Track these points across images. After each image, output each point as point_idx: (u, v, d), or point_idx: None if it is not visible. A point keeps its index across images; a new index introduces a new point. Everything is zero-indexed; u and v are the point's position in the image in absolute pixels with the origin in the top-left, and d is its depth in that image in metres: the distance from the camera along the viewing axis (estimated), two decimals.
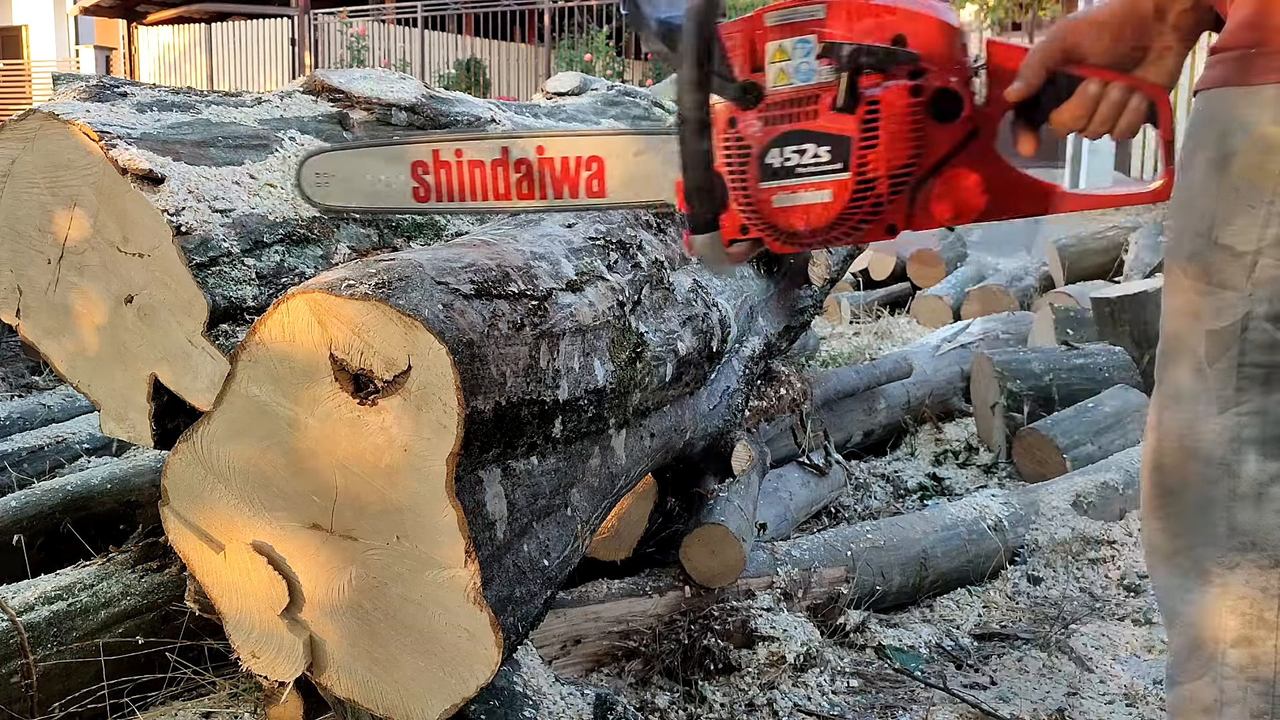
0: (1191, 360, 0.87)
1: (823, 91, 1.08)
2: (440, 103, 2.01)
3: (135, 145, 1.44)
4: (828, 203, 1.09)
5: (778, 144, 1.10)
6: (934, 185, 1.10)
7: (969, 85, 1.09)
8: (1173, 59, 1.03)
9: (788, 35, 1.11)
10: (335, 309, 1.20)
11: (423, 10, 16.55)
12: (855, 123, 1.06)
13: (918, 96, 1.06)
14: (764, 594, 2.11)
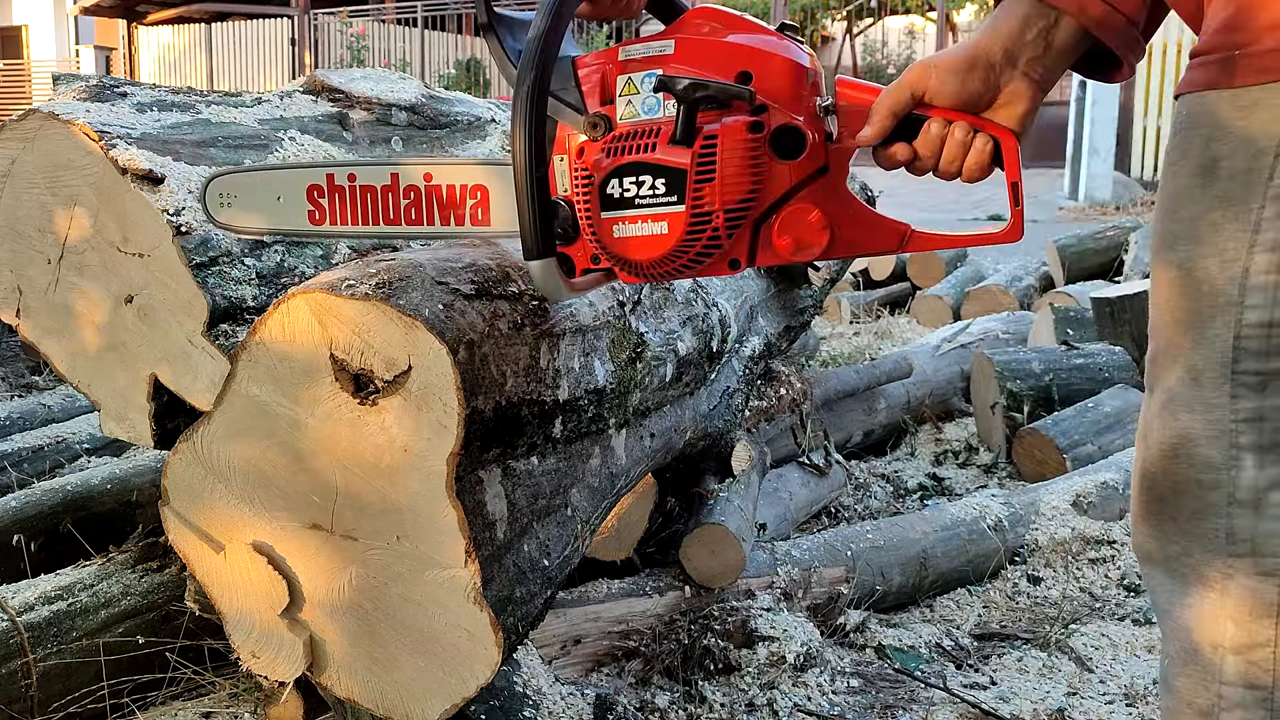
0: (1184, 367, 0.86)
1: (665, 125, 1.09)
2: (440, 103, 2.01)
3: (135, 145, 1.44)
4: (663, 235, 1.10)
5: (617, 174, 1.10)
6: (777, 220, 1.11)
7: (819, 123, 1.10)
8: (1024, 103, 1.03)
9: (638, 69, 1.13)
10: (336, 309, 1.20)
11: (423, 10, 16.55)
12: (692, 155, 1.07)
13: (757, 132, 1.07)
14: (764, 594, 2.11)
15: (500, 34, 1.19)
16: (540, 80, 1.09)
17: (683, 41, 1.12)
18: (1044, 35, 1.00)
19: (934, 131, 1.04)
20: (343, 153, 1.72)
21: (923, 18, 18.25)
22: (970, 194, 11.07)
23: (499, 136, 2.01)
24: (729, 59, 1.10)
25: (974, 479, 3.25)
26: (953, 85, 1.02)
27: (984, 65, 1.01)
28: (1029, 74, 1.01)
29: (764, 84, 1.08)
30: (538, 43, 1.09)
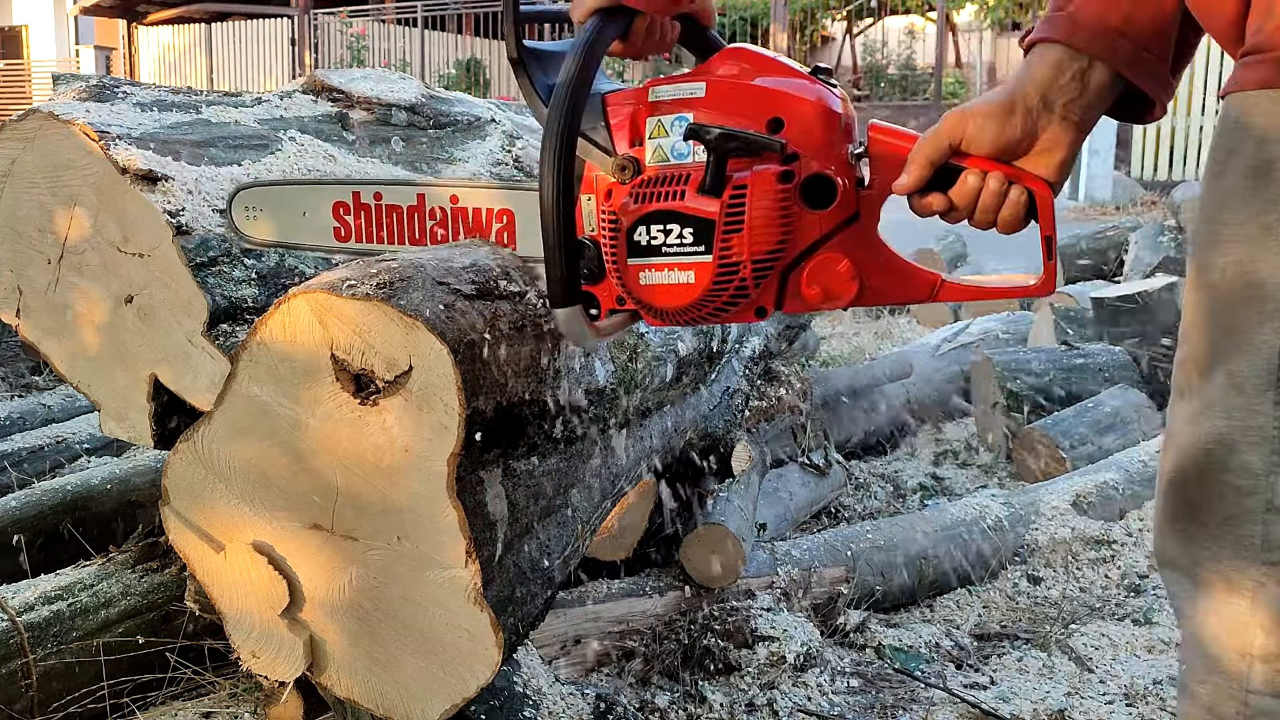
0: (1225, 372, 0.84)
1: (695, 171, 1.07)
2: (440, 103, 2.01)
3: (135, 145, 1.44)
4: (690, 284, 1.08)
5: (645, 221, 1.09)
6: (805, 269, 1.09)
7: (850, 170, 1.08)
8: (1063, 150, 1.02)
9: (667, 112, 1.11)
10: (336, 309, 1.20)
11: (423, 10, 16.55)
12: (720, 206, 1.05)
13: (787, 182, 1.05)
14: (764, 594, 2.11)
15: (530, 68, 1.17)
16: (571, 126, 1.07)
17: (714, 84, 1.09)
18: (1079, 78, 0.99)
19: (970, 182, 1.03)
20: (343, 153, 1.72)
21: (923, 18, 18.24)
22: None
23: (499, 137, 2.01)
24: (760, 104, 1.07)
25: (974, 479, 3.25)
26: (991, 131, 1.01)
27: (1021, 111, 1.00)
28: (1067, 117, 1.00)
29: (795, 131, 1.06)
30: (568, 87, 1.07)
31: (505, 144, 1.99)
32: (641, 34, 1.15)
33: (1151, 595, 2.36)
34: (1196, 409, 0.87)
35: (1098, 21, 0.97)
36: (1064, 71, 0.99)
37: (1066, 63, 0.98)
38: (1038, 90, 0.99)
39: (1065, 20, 0.98)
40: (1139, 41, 0.97)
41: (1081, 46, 0.97)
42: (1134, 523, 2.63)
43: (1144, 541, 2.56)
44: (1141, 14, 0.96)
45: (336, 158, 1.69)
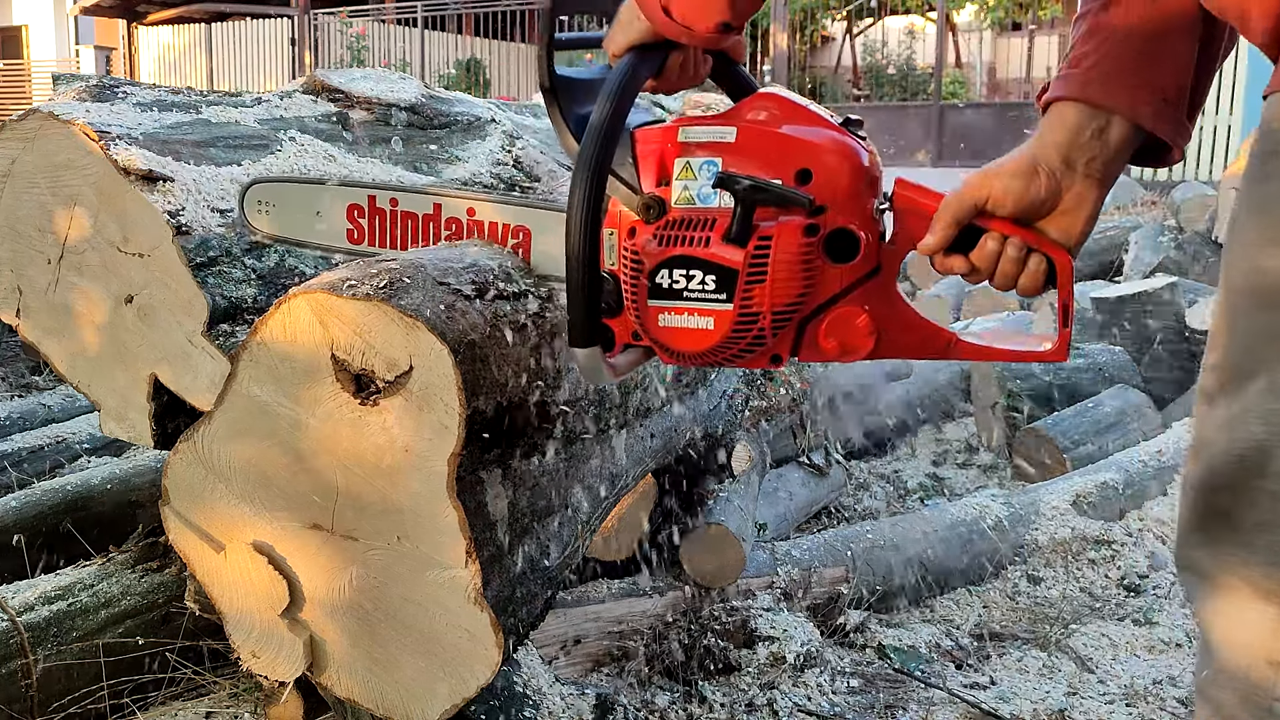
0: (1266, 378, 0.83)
1: (720, 217, 1.07)
2: (440, 103, 2.01)
3: (135, 145, 1.44)
4: (708, 330, 1.08)
5: (668, 265, 1.08)
6: (823, 321, 1.09)
7: (874, 225, 1.08)
8: (1088, 208, 1.02)
9: (696, 154, 1.10)
10: (337, 309, 1.20)
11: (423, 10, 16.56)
12: (745, 256, 1.05)
13: (812, 235, 1.05)
14: (764, 594, 2.10)
15: (561, 99, 1.16)
16: (602, 167, 1.07)
17: (745, 130, 1.09)
18: (1098, 135, 0.99)
19: (990, 247, 1.03)
20: (343, 153, 1.72)
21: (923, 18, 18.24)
22: None
23: (499, 137, 2.01)
24: (790, 154, 1.07)
25: (974, 479, 3.25)
26: (1015, 192, 1.01)
27: (1045, 173, 1.00)
28: (1090, 175, 1.00)
29: (823, 183, 1.06)
30: (602, 128, 1.07)
31: (505, 144, 1.99)
32: (675, 69, 1.15)
33: (1151, 595, 2.36)
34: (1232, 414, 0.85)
35: (1115, 76, 0.97)
36: (1083, 130, 0.99)
37: (1085, 121, 0.99)
38: (1059, 152, 1.00)
39: (1082, 77, 0.98)
40: (1157, 92, 0.97)
41: (1100, 102, 0.98)
42: (1134, 523, 2.63)
43: (1144, 541, 2.56)
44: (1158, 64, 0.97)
45: (336, 158, 1.69)
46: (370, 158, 1.76)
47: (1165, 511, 2.66)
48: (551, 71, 1.16)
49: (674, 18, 1.05)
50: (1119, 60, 0.97)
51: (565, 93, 1.17)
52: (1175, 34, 0.97)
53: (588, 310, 1.10)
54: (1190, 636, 2.17)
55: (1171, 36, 0.97)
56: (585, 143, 1.07)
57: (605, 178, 1.08)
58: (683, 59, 1.14)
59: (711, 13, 1.04)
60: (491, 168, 1.93)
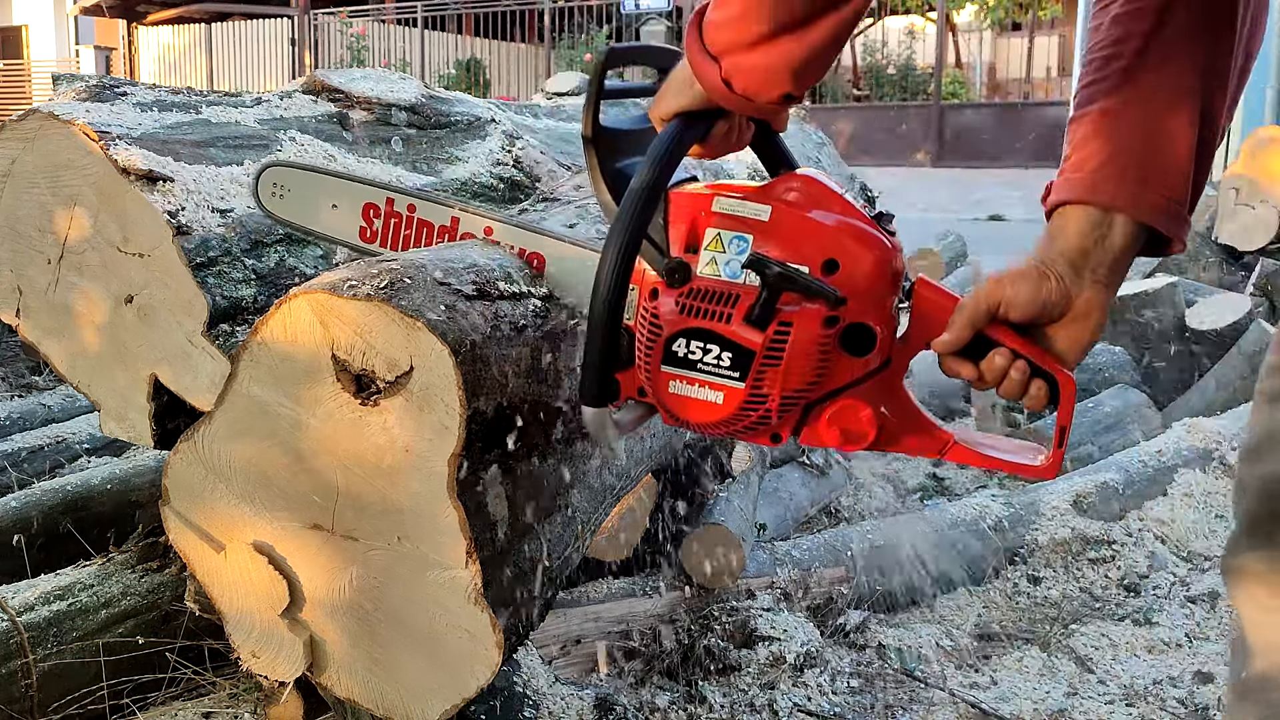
0: None
1: (743, 294, 1.07)
2: (440, 103, 2.01)
3: (135, 145, 1.44)
4: (717, 404, 1.09)
5: (686, 335, 1.09)
6: (828, 409, 1.10)
7: (891, 320, 1.09)
8: (1097, 314, 1.03)
9: (728, 227, 1.10)
10: (338, 309, 1.20)
11: (423, 10, 16.56)
12: (764, 339, 1.05)
13: (831, 327, 1.06)
14: (764, 594, 2.10)
15: (601, 150, 1.16)
16: (639, 233, 1.07)
17: (778, 210, 1.09)
18: (1102, 241, 1.00)
19: (998, 363, 1.05)
20: (343, 153, 1.72)
21: (923, 18, 18.24)
22: (970, 194, 11.06)
23: (499, 137, 2.01)
24: (820, 242, 1.07)
25: (974, 479, 3.25)
26: (1026, 295, 1.02)
27: (1054, 279, 1.02)
28: (1098, 281, 1.02)
29: (848, 277, 1.06)
30: (643, 194, 1.07)
31: (505, 144, 1.99)
32: (720, 136, 1.14)
33: (1151, 595, 2.36)
34: None
35: (1120, 180, 0.98)
36: (1088, 236, 1.00)
37: (1091, 227, 1.00)
38: (1067, 260, 1.01)
39: (1087, 181, 1.00)
40: (1163, 191, 0.98)
41: (1106, 205, 0.99)
42: (1134, 523, 2.63)
43: (1144, 541, 2.56)
44: (1161, 165, 0.98)
45: (336, 158, 1.69)
46: (370, 158, 1.76)
47: (1165, 511, 2.66)
48: (596, 122, 1.16)
49: (735, 90, 1.04)
50: (1124, 162, 0.99)
51: (606, 144, 1.17)
52: (1177, 132, 0.99)
53: (602, 370, 1.10)
54: (1190, 637, 2.17)
55: (1173, 134, 0.99)
56: (624, 206, 1.07)
57: (639, 244, 1.08)
58: (728, 126, 1.14)
59: (776, 85, 1.03)
60: (491, 168, 1.93)
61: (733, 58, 1.02)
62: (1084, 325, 1.04)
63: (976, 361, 1.06)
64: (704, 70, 1.04)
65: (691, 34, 1.06)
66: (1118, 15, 0.99)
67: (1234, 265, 4.83)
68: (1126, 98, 0.99)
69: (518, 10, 16.26)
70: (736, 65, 1.02)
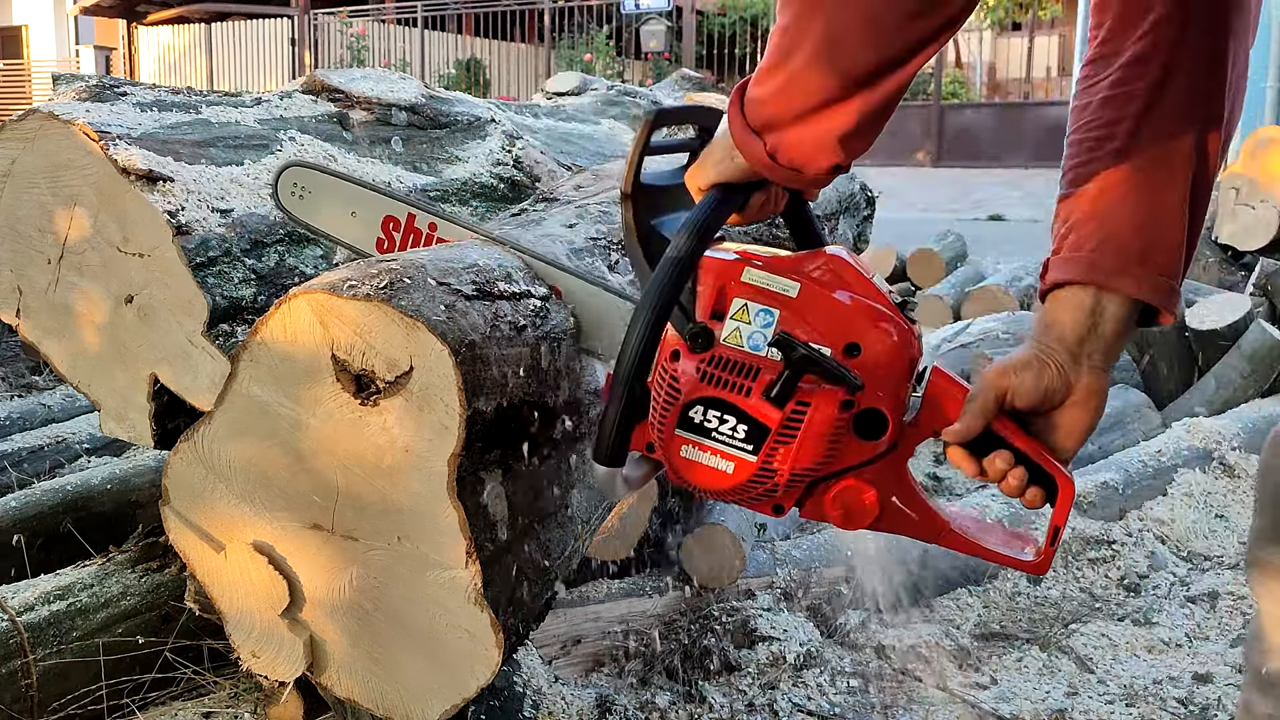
0: None
1: (765, 368, 1.07)
2: (440, 103, 2.01)
3: (135, 145, 1.44)
4: (727, 474, 1.10)
5: (704, 403, 1.09)
6: (833, 489, 1.11)
7: (903, 407, 1.10)
8: (1096, 398, 1.05)
9: (756, 299, 1.10)
10: (337, 310, 1.20)
11: (423, 10, 16.57)
12: (781, 416, 1.06)
13: (847, 410, 1.07)
14: (764, 594, 2.11)
15: (639, 207, 1.16)
16: (671, 300, 1.08)
17: (808, 288, 1.09)
18: (1095, 325, 1.02)
19: (998, 466, 1.07)
20: (343, 153, 1.72)
21: None
22: (969, 194, 11.06)
23: (499, 137, 2.01)
24: (844, 325, 1.08)
25: (974, 479, 3.24)
26: (1028, 384, 1.04)
27: (1054, 367, 1.04)
28: (1094, 366, 1.04)
29: (869, 362, 1.07)
30: (678, 264, 1.07)
31: (505, 144, 1.99)
32: (757, 204, 1.14)
33: (1151, 595, 2.36)
34: None
35: (1118, 259, 1.00)
36: (1083, 323, 1.03)
37: (1081, 315, 1.03)
38: (1064, 347, 1.03)
39: (1085, 263, 1.01)
40: (1157, 269, 1.00)
41: (1103, 285, 1.01)
42: (1134, 523, 2.63)
43: (1144, 541, 2.56)
44: (1157, 242, 1.00)
45: (336, 158, 1.69)
46: (370, 158, 1.76)
47: (1165, 511, 2.66)
48: (637, 179, 1.16)
49: (779, 162, 1.03)
50: (1121, 243, 1.01)
51: (645, 201, 1.17)
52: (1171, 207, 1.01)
53: (619, 431, 1.11)
54: (1190, 637, 2.17)
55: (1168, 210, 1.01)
56: (659, 274, 1.08)
57: (671, 310, 1.09)
58: (765, 196, 1.14)
59: (825, 157, 1.03)
60: (491, 168, 1.93)
61: (779, 133, 1.01)
62: (1084, 410, 1.05)
63: (979, 457, 1.08)
64: (748, 145, 1.04)
65: (734, 108, 1.05)
66: (1108, 97, 1.01)
67: (1234, 265, 4.83)
68: (1121, 177, 1.01)
69: (518, 10, 16.26)
70: (782, 139, 1.01)
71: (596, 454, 1.12)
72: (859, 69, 0.95)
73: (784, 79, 0.98)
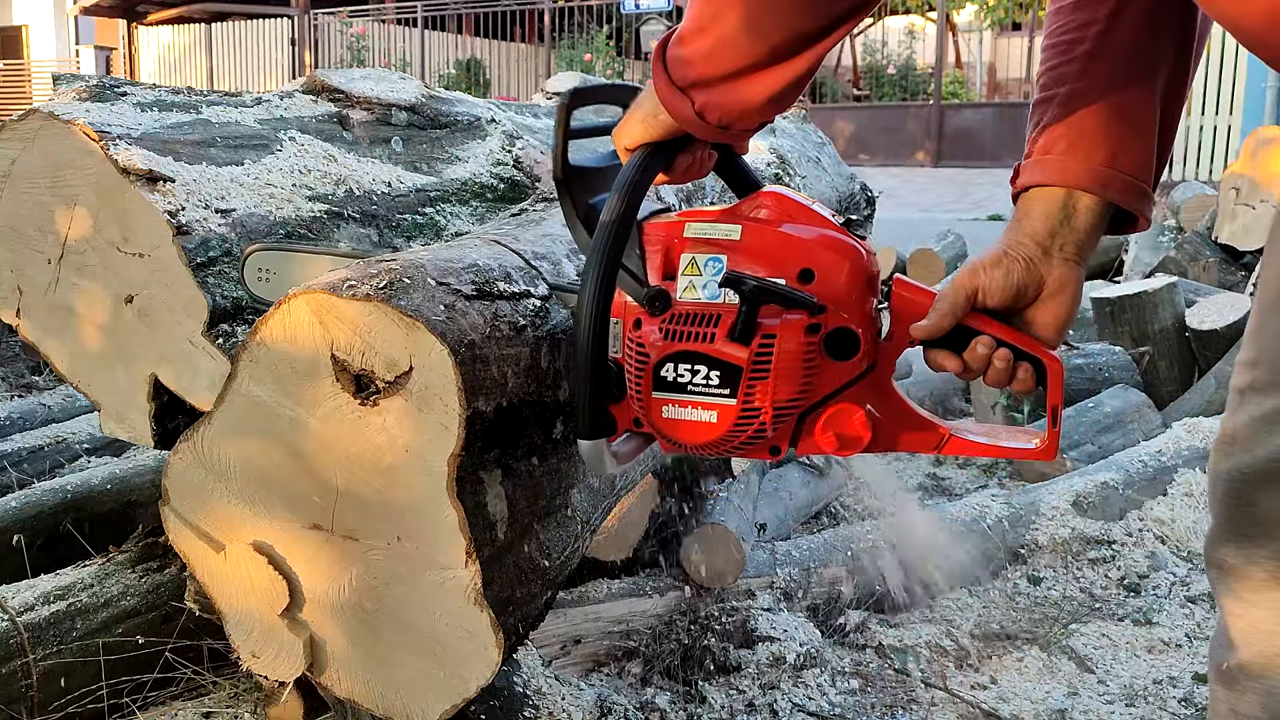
0: None
1: (724, 313, 1.09)
2: (440, 103, 2.01)
3: (135, 145, 1.44)
4: (711, 423, 1.11)
5: (673, 360, 1.10)
6: (822, 416, 1.11)
7: (872, 322, 1.10)
8: (1071, 288, 1.06)
9: (703, 251, 1.12)
10: (337, 309, 1.20)
11: (423, 10, 16.56)
12: (749, 353, 1.07)
13: (813, 335, 1.07)
14: (764, 594, 2.11)
15: (573, 190, 1.18)
16: (613, 263, 1.09)
17: (749, 229, 1.11)
18: (1068, 221, 1.03)
19: (980, 351, 1.06)
20: (343, 153, 1.72)
21: (923, 18, 18.25)
22: (970, 194, 11.06)
23: (499, 137, 2.01)
24: (793, 254, 1.09)
25: (974, 479, 3.25)
26: (999, 281, 1.05)
27: (1024, 260, 1.04)
28: (1067, 260, 1.04)
29: (825, 284, 1.08)
30: (613, 226, 1.09)
31: (505, 144, 1.99)
32: (685, 164, 1.16)
33: (1151, 595, 2.36)
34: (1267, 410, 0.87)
35: (1087, 162, 1.01)
36: (1053, 216, 1.03)
37: (1053, 210, 1.03)
38: (1034, 241, 1.04)
39: (1056, 165, 1.03)
40: (1126, 170, 1.01)
41: (1074, 186, 1.02)
42: (1134, 523, 2.63)
43: (1144, 541, 2.56)
44: (1126, 145, 1.02)
45: (336, 158, 1.69)
46: (370, 158, 1.76)
47: (1165, 511, 2.66)
48: (565, 163, 1.18)
49: (708, 120, 1.05)
50: (1090, 144, 1.01)
51: (579, 183, 1.19)
52: (1141, 112, 1.02)
53: (594, 401, 1.12)
54: (1190, 636, 2.17)
55: (1138, 114, 1.02)
56: (597, 238, 1.09)
57: (615, 273, 1.10)
58: (692, 155, 1.16)
59: (750, 116, 1.05)
60: (491, 168, 1.93)
61: (707, 92, 1.03)
62: (1059, 301, 1.06)
63: (960, 354, 1.07)
64: (675, 103, 1.06)
65: (657, 67, 1.07)
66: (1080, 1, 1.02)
67: (1234, 265, 4.83)
68: (1091, 81, 1.01)
69: (518, 10, 16.27)
70: (711, 99, 1.03)
71: (578, 430, 1.13)
72: (788, 35, 0.97)
73: (713, 40, 1.00)
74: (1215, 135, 10.29)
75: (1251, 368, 0.89)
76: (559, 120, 1.17)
